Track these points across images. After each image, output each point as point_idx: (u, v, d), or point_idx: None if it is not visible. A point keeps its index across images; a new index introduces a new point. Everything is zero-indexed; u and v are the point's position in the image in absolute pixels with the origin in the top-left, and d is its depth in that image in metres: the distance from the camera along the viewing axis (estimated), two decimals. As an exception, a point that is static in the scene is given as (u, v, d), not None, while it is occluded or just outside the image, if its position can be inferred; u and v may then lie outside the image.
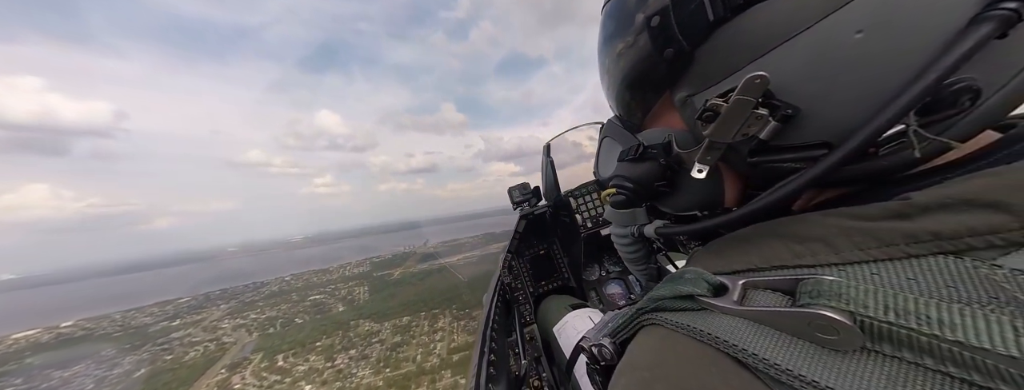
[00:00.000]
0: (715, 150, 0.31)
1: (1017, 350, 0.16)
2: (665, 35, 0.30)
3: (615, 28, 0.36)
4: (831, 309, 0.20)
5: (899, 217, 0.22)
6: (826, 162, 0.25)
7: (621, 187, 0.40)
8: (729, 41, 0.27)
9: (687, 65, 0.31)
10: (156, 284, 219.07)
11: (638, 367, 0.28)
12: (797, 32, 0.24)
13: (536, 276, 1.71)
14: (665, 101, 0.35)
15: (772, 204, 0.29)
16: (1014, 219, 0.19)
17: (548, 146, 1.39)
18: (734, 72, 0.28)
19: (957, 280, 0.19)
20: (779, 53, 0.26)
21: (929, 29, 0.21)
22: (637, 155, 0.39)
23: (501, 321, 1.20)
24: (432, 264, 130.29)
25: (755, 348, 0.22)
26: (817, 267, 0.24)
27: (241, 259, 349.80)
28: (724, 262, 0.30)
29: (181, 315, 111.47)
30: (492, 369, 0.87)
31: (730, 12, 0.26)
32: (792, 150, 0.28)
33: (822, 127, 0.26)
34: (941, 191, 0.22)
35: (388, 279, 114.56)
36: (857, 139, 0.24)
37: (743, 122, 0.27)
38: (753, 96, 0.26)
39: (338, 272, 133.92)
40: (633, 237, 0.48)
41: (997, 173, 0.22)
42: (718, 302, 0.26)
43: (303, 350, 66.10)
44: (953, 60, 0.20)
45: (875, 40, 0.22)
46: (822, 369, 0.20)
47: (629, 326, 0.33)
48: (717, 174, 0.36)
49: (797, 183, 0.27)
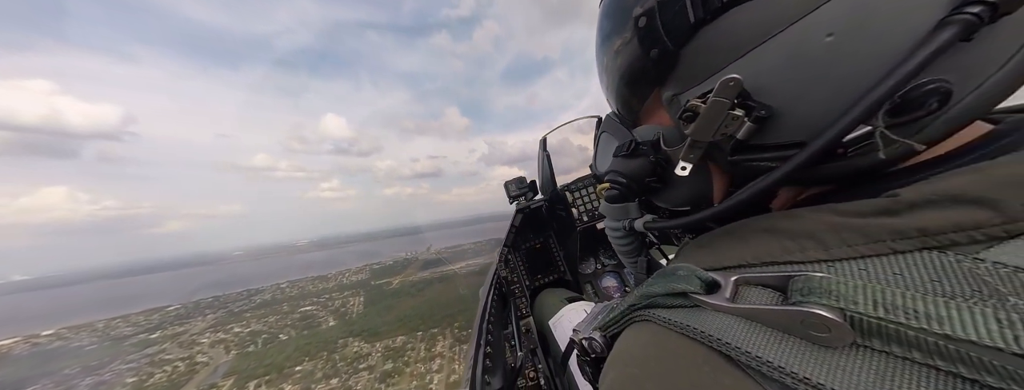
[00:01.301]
0: (697, 148, 0.32)
1: (1002, 341, 0.16)
2: (651, 36, 0.31)
3: (609, 27, 0.37)
4: (822, 307, 0.20)
5: (887, 213, 0.23)
6: (792, 163, 0.26)
7: (615, 182, 0.42)
8: (710, 42, 0.28)
9: (673, 65, 0.32)
10: (156, 288, 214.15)
11: (628, 363, 0.28)
12: (772, 34, 0.25)
13: (532, 269, 1.73)
14: (655, 99, 0.37)
15: (746, 201, 0.29)
16: (996, 215, 0.20)
17: (544, 140, 1.42)
18: (715, 73, 0.29)
19: (942, 274, 0.20)
20: (756, 55, 0.26)
21: (896, 33, 0.22)
22: (630, 151, 0.40)
23: (498, 314, 1.21)
24: (433, 272, 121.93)
25: (747, 345, 0.22)
26: (806, 264, 0.24)
27: (244, 263, 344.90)
28: (715, 258, 0.30)
29: (165, 325, 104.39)
30: (488, 361, 0.89)
31: (709, 15, 0.27)
32: (769, 149, 0.29)
33: (797, 128, 0.27)
34: (927, 187, 0.23)
35: (386, 289, 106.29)
36: (820, 141, 0.24)
37: (721, 122, 0.28)
38: (728, 97, 0.27)
39: (336, 280, 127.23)
40: (625, 230, 0.50)
41: (981, 169, 0.22)
42: (711, 299, 0.26)
43: (279, 377, 57.30)
44: (914, 65, 0.21)
45: (845, 43, 0.23)
46: (814, 366, 0.20)
47: (620, 321, 0.33)
48: (705, 171, 0.37)
49: (766, 182, 0.28)
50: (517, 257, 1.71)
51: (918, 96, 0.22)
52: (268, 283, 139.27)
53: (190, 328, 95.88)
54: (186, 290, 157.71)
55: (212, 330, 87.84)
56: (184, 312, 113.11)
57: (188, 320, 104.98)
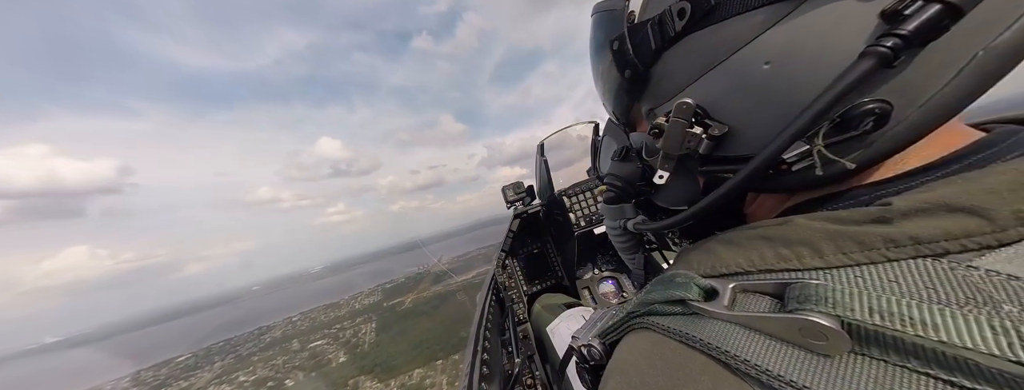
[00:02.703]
0: (669, 160, 0.34)
1: (997, 348, 0.16)
2: (624, 58, 0.35)
3: (595, 46, 0.41)
4: (820, 314, 0.20)
5: (880, 222, 0.23)
6: (739, 175, 0.28)
7: (612, 185, 0.45)
8: (671, 66, 0.32)
9: (645, 83, 0.35)
10: (172, 336, 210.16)
11: (628, 372, 0.28)
12: (720, 60, 0.28)
13: (530, 275, 1.73)
14: (638, 110, 0.40)
15: (708, 208, 0.32)
16: (987, 223, 0.20)
17: (542, 145, 1.43)
18: (678, 93, 0.32)
19: (936, 282, 0.20)
20: (709, 78, 0.30)
21: (824, 63, 0.24)
22: (622, 156, 0.44)
23: (495, 319, 1.21)
24: (446, 285, 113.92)
25: (746, 354, 0.22)
26: (803, 271, 0.25)
27: (261, 299, 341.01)
28: (712, 264, 0.30)
29: (170, 381, 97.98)
30: (485, 368, 0.87)
31: (667, 43, 0.31)
32: (729, 162, 0.31)
33: (749, 143, 0.30)
34: (919, 196, 0.23)
35: (398, 310, 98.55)
36: (759, 158, 0.27)
37: (683, 138, 0.31)
38: (684, 117, 0.30)
39: (347, 305, 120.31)
40: (622, 230, 0.53)
41: (971, 178, 0.23)
42: (709, 307, 0.26)
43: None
44: (834, 94, 0.23)
45: (781, 71, 0.26)
46: (812, 374, 0.20)
47: (619, 329, 0.34)
48: (691, 176, 0.39)
49: (721, 191, 0.30)
50: (515, 263, 1.70)
51: (855, 116, 0.24)
52: (280, 317, 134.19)
53: (194, 382, 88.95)
54: (200, 335, 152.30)
55: (217, 382, 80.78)
56: (193, 362, 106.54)
57: (194, 372, 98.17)
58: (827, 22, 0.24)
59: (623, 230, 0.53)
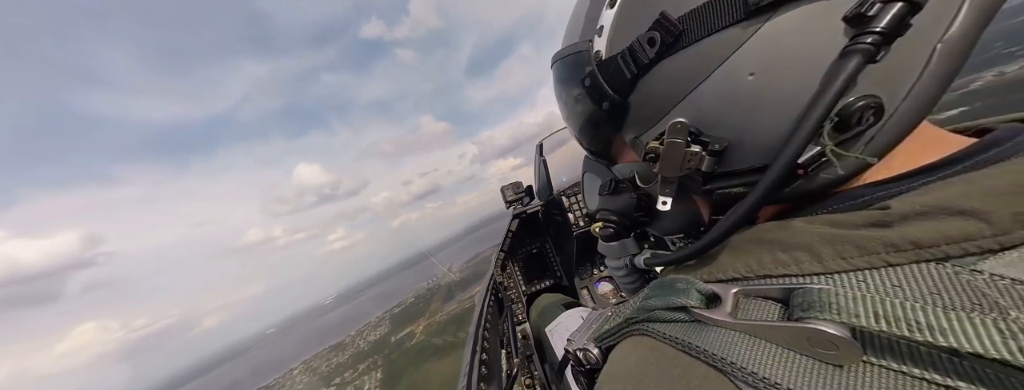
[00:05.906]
0: (670, 183, 0.33)
1: (1007, 353, 0.16)
2: (599, 92, 0.34)
3: (563, 90, 0.40)
4: (827, 322, 0.20)
5: (879, 225, 0.23)
6: (760, 187, 0.27)
7: (607, 220, 0.44)
8: (651, 91, 0.31)
9: (625, 113, 0.34)
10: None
11: (622, 379, 0.28)
12: (702, 79, 0.28)
13: (529, 275, 1.73)
14: (620, 141, 0.38)
15: (730, 230, 0.29)
16: (987, 227, 0.20)
17: (540, 145, 1.45)
18: (665, 115, 0.31)
19: (940, 286, 0.20)
20: (695, 96, 0.29)
21: (808, 66, 0.25)
22: (612, 189, 0.43)
23: (494, 320, 1.21)
24: (460, 301, 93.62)
25: (752, 365, 0.21)
26: (803, 277, 0.24)
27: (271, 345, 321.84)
28: (711, 269, 0.30)
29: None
30: (484, 368, 0.86)
31: (642, 70, 0.30)
32: (736, 176, 0.30)
33: (753, 154, 0.29)
34: (918, 199, 0.23)
35: (408, 346, 78.12)
36: (778, 165, 0.25)
37: (682, 159, 0.30)
38: (680, 137, 0.29)
39: (353, 345, 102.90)
40: (628, 269, 0.50)
41: (971, 180, 0.22)
42: (711, 314, 0.25)
43: None
44: (836, 88, 0.23)
45: (766, 79, 0.26)
46: (823, 387, 0.19)
47: (617, 334, 0.33)
48: (689, 199, 0.38)
49: (743, 209, 0.28)
50: (514, 262, 1.70)
51: (853, 112, 0.24)
52: (282, 371, 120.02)
53: None
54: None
55: None
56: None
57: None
58: (797, 29, 0.24)
59: (631, 269, 0.50)
